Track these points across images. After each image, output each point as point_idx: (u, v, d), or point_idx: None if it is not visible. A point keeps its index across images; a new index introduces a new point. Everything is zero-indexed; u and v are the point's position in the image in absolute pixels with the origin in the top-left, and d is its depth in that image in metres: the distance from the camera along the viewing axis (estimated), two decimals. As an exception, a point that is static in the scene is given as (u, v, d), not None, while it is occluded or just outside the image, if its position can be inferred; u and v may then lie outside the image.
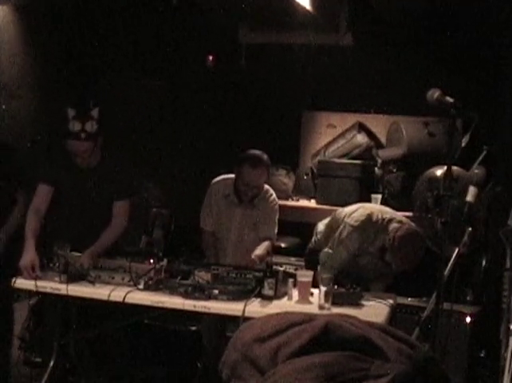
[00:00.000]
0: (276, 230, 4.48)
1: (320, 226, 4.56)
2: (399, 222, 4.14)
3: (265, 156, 4.35)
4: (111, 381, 4.35)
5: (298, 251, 5.30)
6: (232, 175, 4.44)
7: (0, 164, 4.28)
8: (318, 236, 4.53)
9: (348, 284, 3.81)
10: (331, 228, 4.39)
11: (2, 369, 4.36)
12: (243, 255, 4.34)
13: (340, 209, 4.46)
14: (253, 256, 4.20)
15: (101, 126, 4.03)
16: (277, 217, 4.49)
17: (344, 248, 4.16)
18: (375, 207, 4.49)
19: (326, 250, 4.25)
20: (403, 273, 4.21)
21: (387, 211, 4.31)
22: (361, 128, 5.83)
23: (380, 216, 4.17)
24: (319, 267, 4.06)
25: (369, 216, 4.17)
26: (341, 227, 4.21)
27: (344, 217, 4.26)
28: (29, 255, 3.86)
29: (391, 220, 4.14)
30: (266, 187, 4.49)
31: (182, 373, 4.69)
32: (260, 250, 4.27)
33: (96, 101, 4.16)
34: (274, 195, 4.51)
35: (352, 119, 6.01)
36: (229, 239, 4.47)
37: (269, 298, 3.65)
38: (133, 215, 4.41)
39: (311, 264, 4.27)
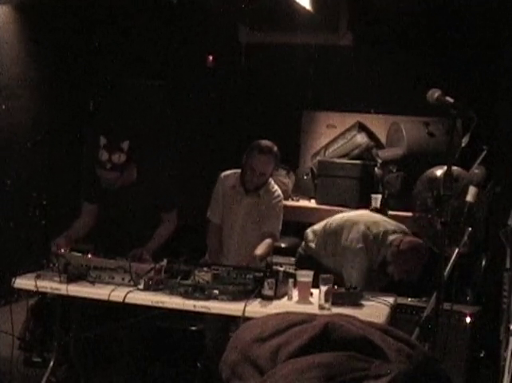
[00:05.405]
0: (280, 227, 4.49)
1: (310, 234, 4.55)
2: (394, 232, 4.17)
3: (275, 147, 4.43)
4: (110, 381, 4.35)
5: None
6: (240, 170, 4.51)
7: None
8: (310, 244, 4.53)
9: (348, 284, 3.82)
10: (324, 241, 4.41)
11: None
12: (246, 249, 4.35)
13: (328, 222, 4.47)
14: (254, 255, 4.20)
15: (131, 158, 4.15)
16: (281, 214, 4.50)
17: (357, 272, 4.17)
18: (361, 218, 4.38)
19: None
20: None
21: (377, 221, 4.32)
22: (361, 128, 5.82)
23: (374, 230, 4.20)
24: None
25: (365, 233, 4.19)
26: (347, 253, 4.22)
27: (339, 238, 4.29)
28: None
29: (386, 232, 4.18)
30: (273, 183, 4.55)
31: (182, 373, 4.69)
32: (261, 249, 4.27)
33: (128, 134, 4.33)
34: (280, 192, 4.56)
35: (352, 119, 6.01)
36: (233, 231, 4.48)
37: (269, 298, 3.64)
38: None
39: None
